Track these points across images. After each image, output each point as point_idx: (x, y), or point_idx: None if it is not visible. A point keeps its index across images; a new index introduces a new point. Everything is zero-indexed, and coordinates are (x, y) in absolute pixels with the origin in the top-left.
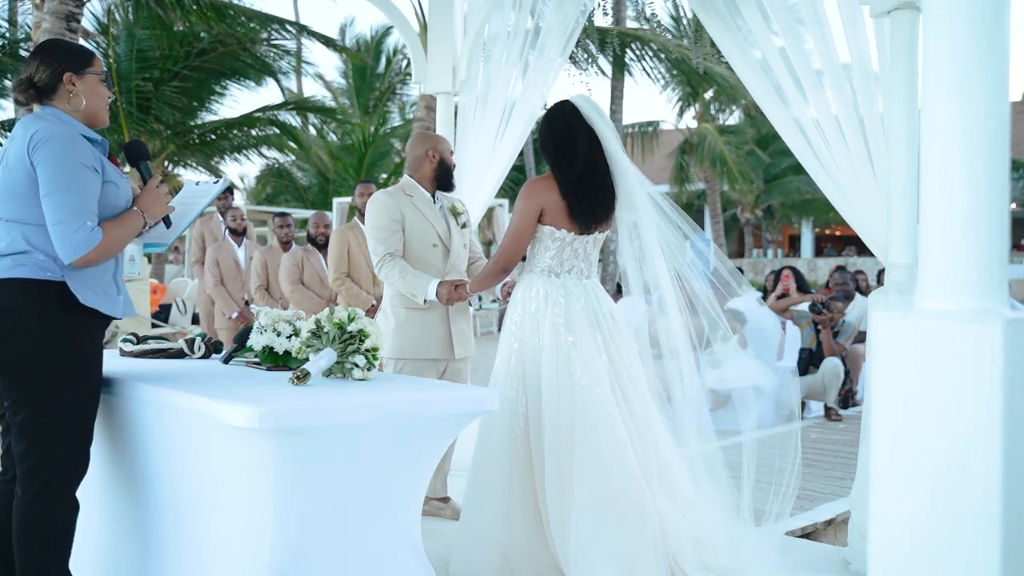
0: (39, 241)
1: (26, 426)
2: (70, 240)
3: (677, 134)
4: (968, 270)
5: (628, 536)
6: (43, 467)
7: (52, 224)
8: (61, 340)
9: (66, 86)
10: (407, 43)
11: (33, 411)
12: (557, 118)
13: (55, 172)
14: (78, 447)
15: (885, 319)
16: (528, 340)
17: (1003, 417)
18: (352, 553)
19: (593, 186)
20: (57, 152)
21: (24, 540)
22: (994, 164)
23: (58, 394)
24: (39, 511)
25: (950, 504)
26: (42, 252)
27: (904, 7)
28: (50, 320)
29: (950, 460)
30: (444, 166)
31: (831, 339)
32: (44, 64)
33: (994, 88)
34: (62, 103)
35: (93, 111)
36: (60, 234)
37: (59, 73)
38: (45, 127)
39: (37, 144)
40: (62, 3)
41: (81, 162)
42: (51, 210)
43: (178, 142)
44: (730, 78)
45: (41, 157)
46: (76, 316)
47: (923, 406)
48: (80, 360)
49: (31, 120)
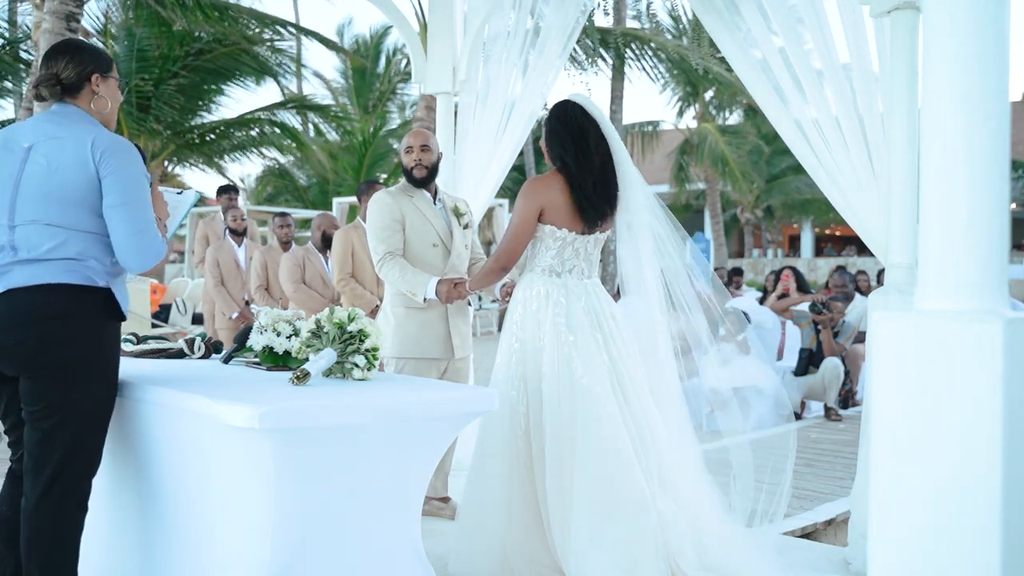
0: (90, 248)
1: (56, 431)
2: (150, 250)
3: (677, 134)
4: (968, 270)
5: (628, 536)
6: (65, 473)
7: (129, 234)
8: (104, 347)
9: (92, 86)
10: (407, 43)
11: (66, 416)
12: (570, 117)
13: (130, 182)
14: (96, 452)
15: (885, 319)
16: (529, 340)
17: (1003, 416)
18: (352, 553)
19: (603, 185)
20: (129, 161)
21: (36, 545)
22: (994, 164)
23: (90, 400)
24: (56, 518)
25: (950, 504)
26: (94, 259)
27: (904, 7)
28: (97, 328)
29: (950, 460)
30: (403, 167)
31: (831, 339)
32: (72, 62)
33: (994, 88)
34: (84, 103)
35: (111, 115)
36: (139, 244)
37: (87, 73)
38: (103, 133)
39: (106, 151)
40: (62, 3)
41: (144, 172)
42: (126, 220)
43: (178, 142)
44: (730, 77)
45: (113, 166)
46: (113, 324)
47: (923, 406)
48: (112, 366)
49: (68, 122)
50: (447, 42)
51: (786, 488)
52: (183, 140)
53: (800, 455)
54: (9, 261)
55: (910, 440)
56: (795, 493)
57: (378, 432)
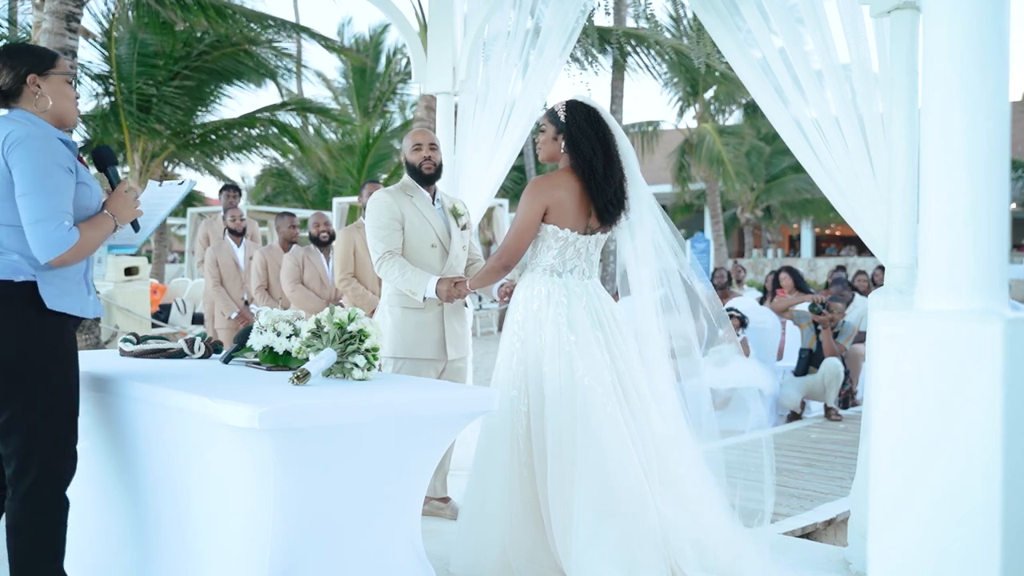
0: (12, 241)
1: (9, 427)
2: (48, 239)
3: (677, 134)
4: (968, 270)
5: (629, 536)
6: (29, 468)
7: (29, 223)
8: (33, 341)
9: (30, 88)
10: (407, 43)
11: (13, 412)
12: (595, 120)
13: (32, 172)
14: (63, 446)
15: (885, 319)
16: (530, 339)
17: (1003, 417)
18: (352, 553)
19: (621, 189)
20: (33, 152)
21: (15, 541)
22: (994, 164)
23: (36, 395)
24: (28, 512)
25: (950, 504)
26: (15, 252)
27: (904, 7)
28: (21, 321)
29: (950, 460)
30: (410, 166)
31: (831, 339)
32: (6, 67)
33: (994, 88)
34: (28, 105)
35: (60, 112)
36: (38, 233)
37: (22, 75)
38: (19, 128)
39: (12, 145)
40: (62, 3)
41: (57, 163)
42: (28, 210)
43: (178, 142)
44: (730, 76)
45: (17, 158)
46: (46, 317)
47: (923, 406)
48: (53, 360)
49: (2, 123)
50: (447, 42)
51: (771, 486)
52: (184, 140)
53: (800, 455)
54: None
55: (910, 440)
56: (795, 493)
57: (378, 432)
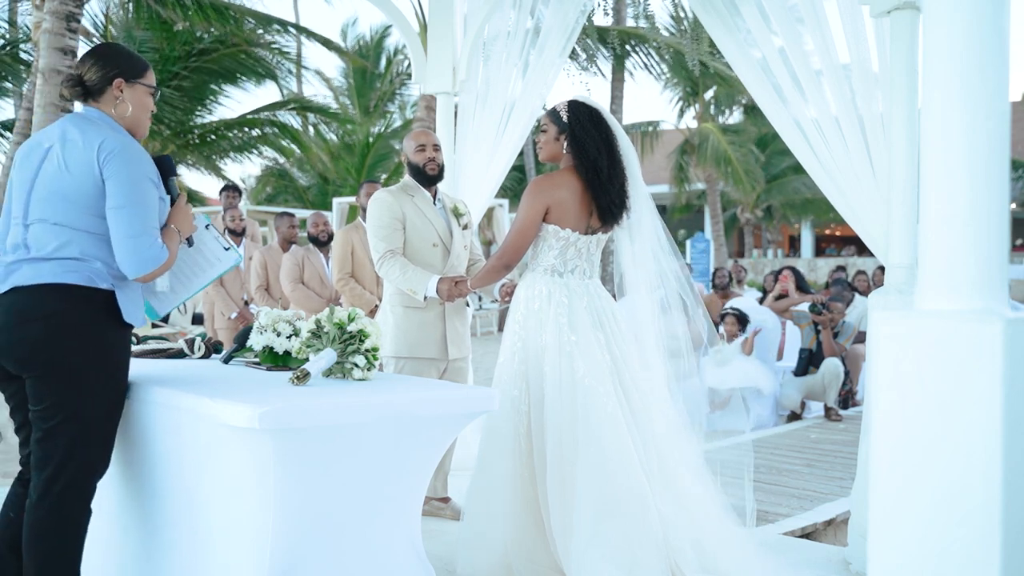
0: (94, 249)
1: (56, 431)
2: (143, 255)
3: (677, 134)
4: (968, 270)
5: (629, 536)
6: (64, 474)
7: (125, 237)
8: (104, 350)
9: (114, 91)
10: (407, 43)
11: (66, 417)
12: (599, 121)
13: (129, 184)
14: (101, 456)
15: (885, 319)
16: (531, 339)
17: (1003, 417)
18: (352, 553)
19: (623, 187)
20: (131, 164)
21: (38, 546)
22: (994, 164)
23: (93, 403)
24: (54, 519)
25: (950, 504)
26: (99, 260)
27: (904, 7)
28: (97, 329)
29: (950, 460)
30: (413, 166)
31: (831, 339)
32: (97, 65)
33: (994, 88)
34: (108, 107)
35: (137, 122)
36: (132, 248)
37: (110, 77)
38: (112, 137)
39: (109, 155)
40: (62, 3)
41: (148, 176)
42: (123, 223)
43: (178, 142)
44: (730, 76)
45: (114, 169)
46: (119, 328)
47: (923, 406)
48: (118, 370)
49: (87, 125)
50: (447, 42)
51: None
52: (183, 140)
53: (800, 455)
54: (21, 258)
55: (910, 440)
56: (795, 493)
57: (378, 432)
